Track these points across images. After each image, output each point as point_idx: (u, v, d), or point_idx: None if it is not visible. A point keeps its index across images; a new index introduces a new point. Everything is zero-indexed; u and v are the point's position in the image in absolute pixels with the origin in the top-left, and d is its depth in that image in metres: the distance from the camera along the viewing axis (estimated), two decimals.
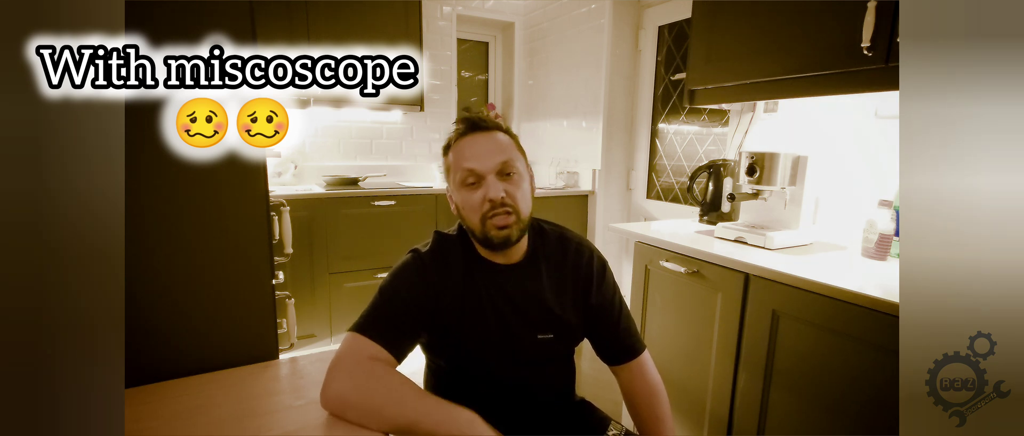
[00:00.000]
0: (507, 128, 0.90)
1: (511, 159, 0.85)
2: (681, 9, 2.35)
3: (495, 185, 0.83)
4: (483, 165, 0.84)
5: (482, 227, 0.85)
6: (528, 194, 0.88)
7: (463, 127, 0.88)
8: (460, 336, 0.88)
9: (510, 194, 0.84)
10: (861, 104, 1.53)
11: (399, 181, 2.98)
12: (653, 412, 0.95)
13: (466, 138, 0.87)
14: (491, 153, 0.84)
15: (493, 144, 0.86)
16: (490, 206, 0.83)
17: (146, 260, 0.78)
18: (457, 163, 0.86)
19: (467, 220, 0.87)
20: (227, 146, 0.71)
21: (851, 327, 1.07)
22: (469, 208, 0.85)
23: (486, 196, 0.83)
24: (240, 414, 0.72)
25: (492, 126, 0.88)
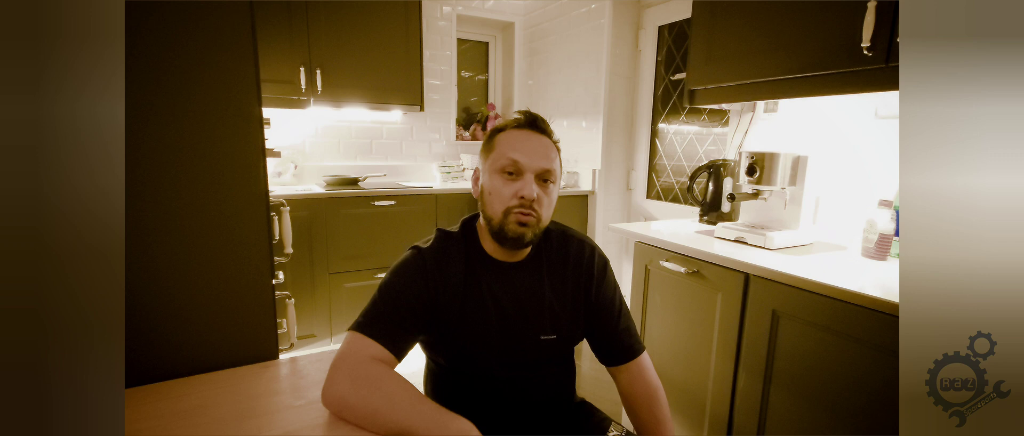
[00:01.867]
0: (556, 139, 0.92)
1: (553, 169, 0.87)
2: (681, 9, 2.35)
3: (532, 185, 0.85)
4: (530, 162, 0.85)
5: (503, 218, 0.85)
6: (553, 206, 0.90)
7: (523, 119, 0.89)
8: (460, 334, 0.88)
9: (540, 199, 0.86)
10: (861, 104, 1.53)
11: (399, 181, 2.98)
12: (652, 414, 0.95)
13: (522, 131, 0.88)
14: (540, 155, 0.86)
15: (544, 148, 0.87)
16: (519, 202, 0.84)
17: (146, 260, 0.78)
18: (503, 150, 0.86)
19: (489, 207, 0.87)
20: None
21: (851, 327, 1.07)
22: (497, 196, 0.86)
23: (520, 191, 0.84)
24: (240, 414, 0.72)
25: (548, 131, 0.90)
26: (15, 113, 0.42)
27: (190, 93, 0.78)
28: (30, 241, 0.44)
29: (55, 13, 0.44)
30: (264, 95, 0.84)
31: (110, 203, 0.47)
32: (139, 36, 0.74)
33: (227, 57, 0.80)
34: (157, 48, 0.75)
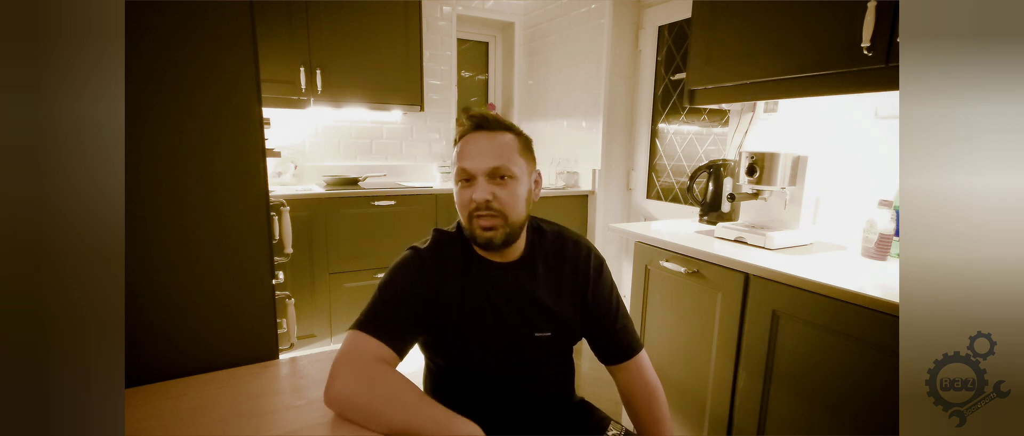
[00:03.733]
0: (516, 129, 0.90)
1: (506, 163, 0.85)
2: (681, 9, 2.35)
3: (483, 187, 0.84)
4: (476, 166, 0.84)
5: (469, 225, 0.87)
6: (521, 198, 0.87)
7: (469, 125, 0.88)
8: (459, 334, 0.88)
9: (498, 198, 0.84)
10: (861, 104, 1.53)
11: (399, 181, 2.98)
12: (652, 413, 0.95)
13: (469, 136, 0.87)
14: (487, 155, 0.84)
15: (492, 145, 0.85)
16: (475, 207, 0.84)
17: (146, 260, 0.78)
18: (456, 159, 0.87)
19: (460, 216, 0.90)
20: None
21: (851, 327, 1.07)
22: (460, 205, 0.88)
23: (472, 196, 0.85)
24: (240, 414, 0.72)
25: (498, 126, 0.88)
26: (15, 113, 0.42)
27: (190, 93, 0.78)
28: (30, 241, 0.44)
29: (55, 13, 0.44)
30: (264, 95, 0.84)
31: (110, 203, 0.47)
32: (140, 36, 0.74)
33: (227, 57, 0.80)
34: (157, 48, 0.75)
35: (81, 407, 0.45)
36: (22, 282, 0.43)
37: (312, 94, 2.49)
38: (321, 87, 2.49)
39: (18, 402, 0.43)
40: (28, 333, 0.44)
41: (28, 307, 0.44)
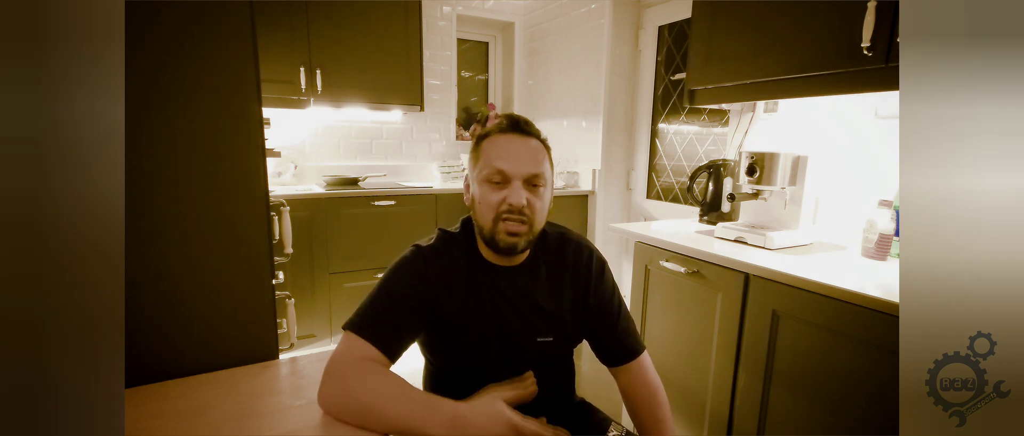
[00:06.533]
0: (544, 138, 0.90)
1: (542, 172, 0.84)
2: (681, 9, 2.35)
3: (519, 192, 0.82)
4: (515, 169, 0.82)
5: (492, 227, 0.84)
6: (546, 207, 0.87)
7: (505, 123, 0.87)
8: (460, 335, 0.87)
9: (530, 205, 0.83)
10: (861, 104, 1.53)
11: (399, 181, 2.98)
12: (653, 414, 0.95)
13: (505, 136, 0.85)
14: (525, 160, 0.83)
15: (529, 150, 0.84)
16: (508, 210, 0.82)
17: (146, 260, 0.78)
18: (488, 158, 0.84)
19: (480, 216, 0.86)
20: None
21: (851, 327, 1.07)
22: (486, 205, 0.84)
23: (508, 199, 0.82)
24: (240, 414, 0.72)
25: (532, 132, 0.87)
26: (15, 113, 0.42)
27: (190, 93, 0.78)
28: (30, 241, 0.44)
29: (55, 13, 0.44)
30: (264, 95, 0.84)
31: (110, 203, 0.47)
32: (139, 36, 0.74)
33: (227, 57, 0.80)
34: (157, 48, 0.75)
35: (81, 407, 0.45)
36: (22, 282, 0.43)
37: (312, 94, 2.49)
38: (321, 87, 2.49)
39: (18, 402, 0.43)
40: (28, 333, 0.44)
41: (28, 307, 0.44)
